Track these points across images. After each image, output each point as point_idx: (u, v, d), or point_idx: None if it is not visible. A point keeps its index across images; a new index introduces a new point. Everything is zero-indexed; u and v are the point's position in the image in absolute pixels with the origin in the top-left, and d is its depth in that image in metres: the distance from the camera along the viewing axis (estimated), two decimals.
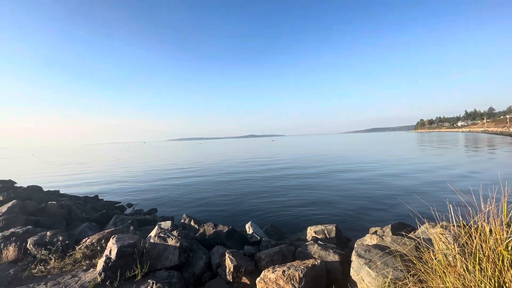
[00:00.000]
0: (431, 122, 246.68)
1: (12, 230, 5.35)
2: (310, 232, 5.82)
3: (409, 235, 4.69)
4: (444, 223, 2.99)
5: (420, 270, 2.33)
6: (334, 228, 5.63)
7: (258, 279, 3.65)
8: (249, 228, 5.90)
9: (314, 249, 4.33)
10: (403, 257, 2.80)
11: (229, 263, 3.94)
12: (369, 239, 4.52)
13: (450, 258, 2.15)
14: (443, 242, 2.30)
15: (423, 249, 2.59)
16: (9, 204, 6.96)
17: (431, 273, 2.19)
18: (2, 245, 4.82)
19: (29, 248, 4.72)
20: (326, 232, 5.65)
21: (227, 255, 4.05)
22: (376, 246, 3.95)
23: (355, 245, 4.36)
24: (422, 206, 8.11)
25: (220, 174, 20.60)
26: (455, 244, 2.16)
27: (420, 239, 2.72)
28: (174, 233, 4.66)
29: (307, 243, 4.60)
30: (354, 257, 3.68)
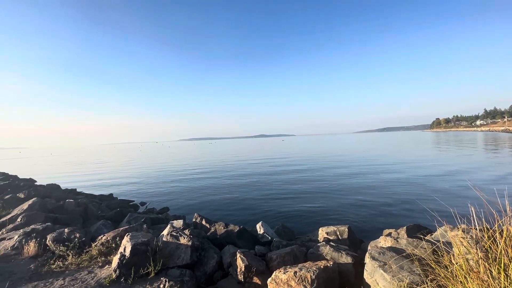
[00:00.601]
0: (447, 121, 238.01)
1: (32, 226, 5.58)
2: (322, 233, 5.74)
3: (426, 237, 4.54)
4: (464, 226, 2.87)
5: (440, 275, 2.23)
6: (346, 229, 5.52)
7: (269, 279, 3.63)
8: (260, 228, 5.88)
9: (326, 250, 4.26)
10: (420, 261, 2.70)
11: (240, 263, 3.94)
12: (383, 241, 4.40)
13: (472, 263, 2.05)
14: (464, 246, 2.20)
15: (442, 252, 2.49)
16: (30, 201, 7.26)
17: (452, 279, 2.09)
18: (23, 240, 5.03)
19: (48, 244, 4.90)
20: (338, 233, 5.55)
21: (238, 255, 4.05)
22: (390, 249, 3.84)
23: (369, 247, 4.26)
24: (440, 209, 7.84)
25: (230, 174, 20.71)
26: (478, 249, 2.05)
27: (440, 243, 2.61)
28: (186, 232, 4.71)
29: (318, 244, 4.54)
30: (367, 260, 3.59)
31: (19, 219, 6.30)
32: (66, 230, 5.18)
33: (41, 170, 32.48)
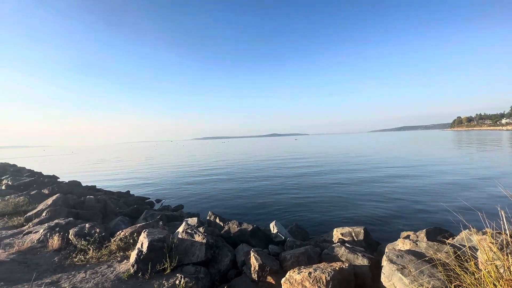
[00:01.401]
0: (469, 119, 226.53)
1: (56, 221, 5.85)
2: (337, 233, 5.64)
3: (447, 241, 4.35)
4: (489, 230, 2.71)
5: (465, 281, 2.11)
6: (362, 231, 5.39)
7: (283, 279, 3.61)
8: (273, 228, 5.86)
9: (341, 251, 4.18)
10: (444, 266, 2.58)
11: (254, 262, 3.94)
12: (401, 244, 4.26)
13: (502, 270, 1.93)
14: (494, 252, 2.07)
15: (466, 257, 2.36)
16: (54, 197, 7.62)
17: (479, 286, 1.98)
18: (48, 234, 5.29)
19: (71, 238, 5.13)
20: (353, 234, 5.43)
21: (252, 254, 4.06)
22: (409, 252, 3.71)
23: (386, 250, 4.13)
24: (463, 211, 7.49)
25: (243, 173, 20.80)
26: (510, 255, 1.92)
27: (466, 247, 2.48)
28: (201, 229, 4.77)
29: (333, 245, 4.46)
30: (385, 262, 3.49)
31: (44, 214, 6.63)
32: (87, 225, 5.39)
33: (63, 167, 34.10)
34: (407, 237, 5.26)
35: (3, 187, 10.71)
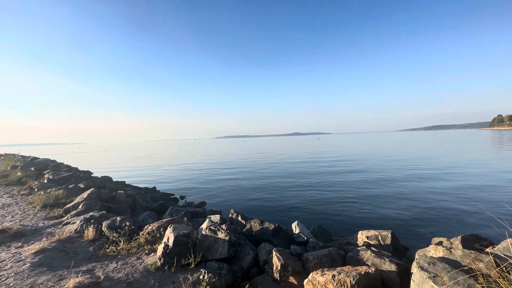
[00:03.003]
0: None
1: (91, 213, 6.29)
2: (362, 236, 5.44)
3: (487, 250, 4.02)
4: None
5: None
6: (389, 235, 5.15)
7: (306, 280, 3.57)
8: (295, 228, 5.81)
9: (367, 255, 4.03)
10: (485, 277, 2.38)
11: (276, 261, 3.94)
12: (433, 251, 4.00)
13: None
14: None
15: (508, 269, 2.16)
16: (88, 191, 8.20)
17: None
18: (84, 225, 5.71)
19: (104, 230, 5.49)
20: (380, 238, 5.21)
21: (274, 253, 4.06)
22: (442, 259, 3.48)
23: (416, 256, 3.92)
24: (508, 218, 6.86)
25: (264, 172, 20.84)
26: None
27: None
28: (223, 227, 4.86)
29: (358, 248, 4.31)
30: (415, 269, 3.31)
31: (80, 206, 7.16)
32: (118, 218, 5.73)
33: (95, 163, 36.56)
34: (440, 243, 4.93)
35: (45, 181, 11.73)
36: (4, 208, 7.90)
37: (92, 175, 16.90)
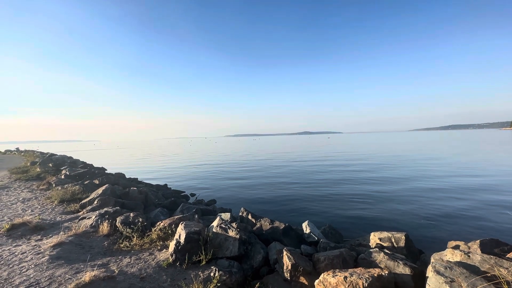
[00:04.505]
0: None
1: (105, 209, 6.47)
2: (374, 238, 5.33)
3: (508, 255, 3.86)
4: None
5: None
6: (403, 237, 5.02)
7: (316, 281, 3.53)
8: (306, 227, 5.76)
9: (379, 257, 3.95)
10: (511, 285, 2.28)
11: (286, 261, 3.92)
12: (450, 255, 3.87)
13: None
14: None
15: None
16: (103, 187, 8.43)
17: None
18: (99, 221, 5.88)
19: (118, 226, 5.63)
20: (393, 240, 5.09)
21: (285, 252, 4.04)
22: (459, 264, 3.36)
23: (432, 259, 3.80)
24: None
25: (274, 171, 20.78)
26: None
27: None
28: (234, 225, 4.88)
29: (371, 250, 4.23)
30: (430, 273, 3.21)
31: (95, 202, 7.38)
32: (131, 214, 5.87)
33: (109, 160, 37.59)
34: (457, 247, 4.76)
35: (62, 177, 12.17)
36: (25, 202, 8.26)
37: (106, 171, 17.38)
